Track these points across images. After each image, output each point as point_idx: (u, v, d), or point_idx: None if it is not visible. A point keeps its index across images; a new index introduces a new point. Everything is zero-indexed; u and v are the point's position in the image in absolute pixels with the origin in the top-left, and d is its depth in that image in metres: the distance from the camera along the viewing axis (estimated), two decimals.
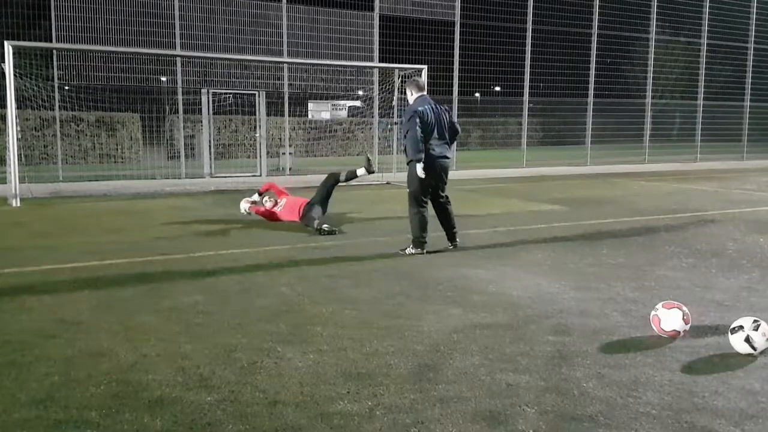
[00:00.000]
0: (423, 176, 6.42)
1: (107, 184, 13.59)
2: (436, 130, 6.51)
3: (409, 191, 6.67)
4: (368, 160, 8.47)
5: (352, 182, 8.85)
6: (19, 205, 10.63)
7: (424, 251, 6.60)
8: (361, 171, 8.46)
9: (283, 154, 17.35)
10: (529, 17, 19.23)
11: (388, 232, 7.92)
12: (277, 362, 3.63)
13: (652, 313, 4.12)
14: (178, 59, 15.39)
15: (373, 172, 8.72)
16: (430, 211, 6.72)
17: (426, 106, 6.54)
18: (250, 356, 3.72)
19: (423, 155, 6.40)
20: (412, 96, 6.77)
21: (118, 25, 15.03)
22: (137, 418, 2.94)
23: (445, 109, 6.71)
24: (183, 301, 4.86)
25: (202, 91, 15.86)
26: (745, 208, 10.55)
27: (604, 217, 9.41)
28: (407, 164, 6.60)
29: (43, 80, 13.87)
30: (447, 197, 6.86)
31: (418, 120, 6.37)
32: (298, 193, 9.31)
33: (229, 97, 16.71)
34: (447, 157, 6.67)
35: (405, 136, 6.48)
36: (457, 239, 6.90)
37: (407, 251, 6.62)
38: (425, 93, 6.83)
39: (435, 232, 6.83)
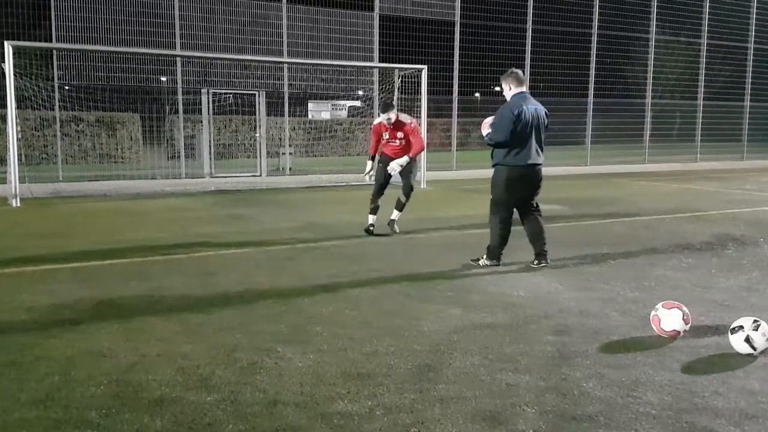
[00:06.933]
0: (507, 184, 5.97)
1: (107, 184, 13.60)
2: (533, 135, 5.89)
3: (491, 197, 6.15)
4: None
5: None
6: (19, 205, 10.63)
7: (499, 264, 6.08)
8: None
9: (283, 154, 17.35)
10: (529, 17, 19.22)
11: (388, 232, 7.91)
12: (277, 362, 3.63)
13: (652, 313, 4.12)
14: (178, 59, 15.39)
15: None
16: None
17: (526, 107, 5.87)
18: (250, 356, 3.72)
19: (509, 161, 5.92)
20: (510, 91, 5.99)
21: (118, 25, 15.02)
22: (137, 418, 2.94)
23: (545, 112, 6.06)
24: (183, 301, 4.86)
25: (202, 91, 15.87)
26: (745, 208, 10.55)
27: (604, 217, 9.41)
28: (492, 167, 6.10)
29: (43, 80, 13.87)
30: (538, 207, 6.24)
31: (512, 123, 5.79)
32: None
33: (229, 97, 16.71)
34: (538, 164, 6.01)
35: (493, 137, 5.90)
36: (548, 259, 6.14)
37: (481, 262, 6.12)
38: (525, 89, 6.04)
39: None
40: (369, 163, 8.09)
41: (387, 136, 7.87)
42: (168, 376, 3.42)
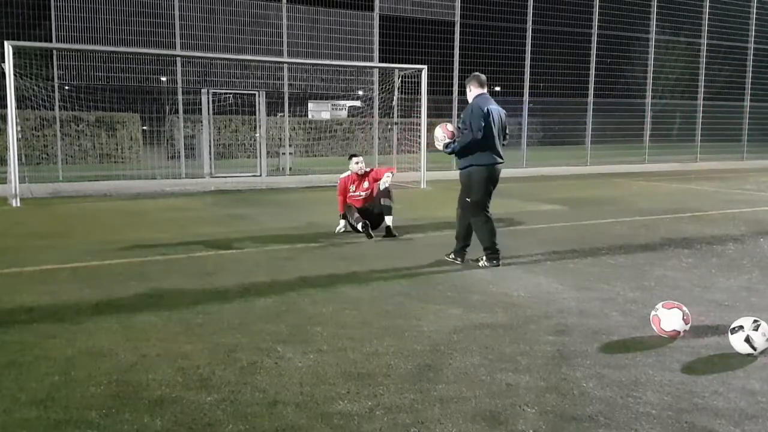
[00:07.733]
0: (486, 183, 6.08)
1: (107, 184, 13.60)
2: (496, 133, 6.04)
3: (469, 200, 6.16)
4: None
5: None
6: (19, 205, 10.63)
7: (499, 264, 6.08)
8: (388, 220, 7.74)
9: (283, 154, 17.36)
10: (529, 17, 19.23)
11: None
12: (277, 362, 3.63)
13: (652, 313, 4.12)
14: (178, 59, 15.40)
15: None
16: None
17: (490, 106, 6.04)
18: (250, 356, 3.72)
19: (484, 160, 6.03)
20: (471, 93, 6.18)
21: (118, 25, 15.04)
22: (137, 418, 2.94)
23: (505, 113, 6.28)
24: (183, 301, 4.86)
25: (202, 91, 15.87)
26: (745, 208, 10.55)
27: (604, 217, 9.41)
28: (462, 169, 6.17)
29: (43, 80, 13.87)
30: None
31: (482, 121, 5.91)
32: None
33: (229, 97, 16.71)
34: (503, 162, 6.19)
35: (471, 138, 5.92)
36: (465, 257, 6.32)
37: (481, 263, 6.12)
38: (486, 91, 6.22)
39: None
40: (342, 223, 7.84)
41: (353, 189, 7.88)
42: (168, 376, 3.42)
